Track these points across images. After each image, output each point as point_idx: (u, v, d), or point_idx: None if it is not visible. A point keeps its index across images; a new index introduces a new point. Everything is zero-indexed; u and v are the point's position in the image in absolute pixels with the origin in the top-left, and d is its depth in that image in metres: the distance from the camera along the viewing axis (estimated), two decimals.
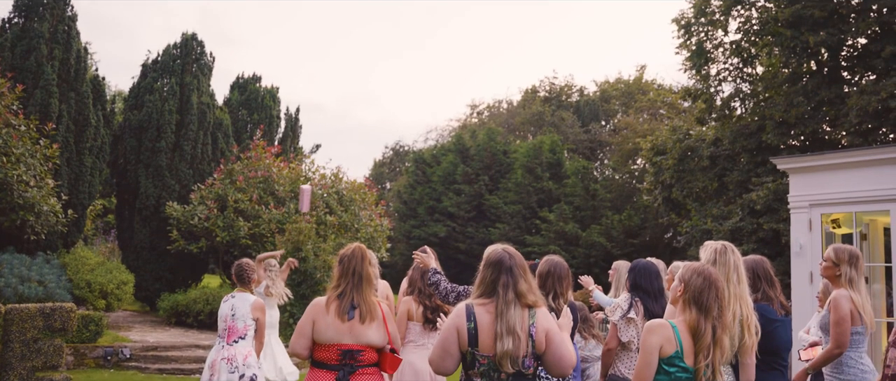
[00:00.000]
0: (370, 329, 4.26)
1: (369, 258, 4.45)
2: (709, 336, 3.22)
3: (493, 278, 3.53)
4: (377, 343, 4.29)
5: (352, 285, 4.30)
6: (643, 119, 34.28)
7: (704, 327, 3.23)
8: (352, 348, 4.21)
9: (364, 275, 4.32)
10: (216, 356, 6.60)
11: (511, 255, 3.59)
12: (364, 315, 4.25)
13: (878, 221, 10.32)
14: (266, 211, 16.29)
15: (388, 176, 47.56)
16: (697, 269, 3.41)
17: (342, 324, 4.23)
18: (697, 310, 3.27)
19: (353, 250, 4.43)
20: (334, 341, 4.22)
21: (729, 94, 20.53)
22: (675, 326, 3.30)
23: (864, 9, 17.36)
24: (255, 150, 17.95)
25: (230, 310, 6.64)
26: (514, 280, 3.48)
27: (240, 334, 6.58)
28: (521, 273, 3.52)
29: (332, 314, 4.25)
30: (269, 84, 23.36)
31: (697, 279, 3.33)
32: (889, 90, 15.35)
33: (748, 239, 16.48)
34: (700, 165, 19.89)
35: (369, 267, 4.40)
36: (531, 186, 30.07)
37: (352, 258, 4.38)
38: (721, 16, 19.86)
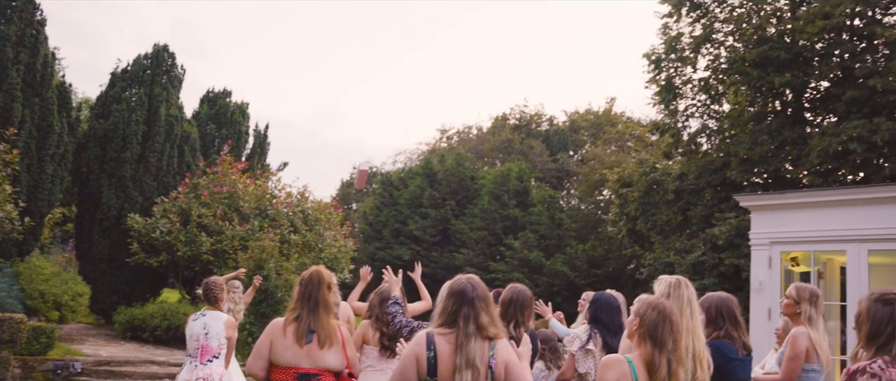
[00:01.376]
0: (328, 354, 4.21)
1: (328, 283, 4.39)
2: (664, 370, 3.21)
3: (455, 309, 3.48)
4: (335, 368, 4.24)
5: (308, 309, 4.26)
6: (611, 151, 34.63)
7: (659, 361, 3.22)
8: (309, 372, 4.16)
9: (320, 300, 4.27)
10: (189, 376, 6.47)
11: (474, 286, 3.55)
12: (322, 340, 4.20)
13: (835, 260, 10.52)
14: (230, 227, 16.10)
15: (355, 197, 47.37)
16: (652, 303, 3.41)
17: (300, 348, 4.19)
18: (652, 344, 3.27)
19: (310, 274, 4.40)
20: (292, 364, 4.18)
21: (696, 129, 20.87)
22: (630, 361, 3.29)
23: (828, 53, 17.79)
24: (222, 165, 17.77)
25: (202, 329, 6.51)
26: (475, 313, 3.44)
27: (214, 353, 6.47)
28: (483, 305, 3.47)
29: (289, 337, 4.21)
30: (239, 99, 23.23)
31: (652, 313, 3.33)
32: (849, 133, 15.70)
33: (710, 273, 16.66)
34: (665, 198, 20.13)
35: (327, 292, 4.34)
36: (497, 212, 30.15)
37: (309, 283, 4.35)
38: (690, 53, 20.23)
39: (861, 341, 3.01)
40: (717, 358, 4.38)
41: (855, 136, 15.64)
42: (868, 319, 2.96)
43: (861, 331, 3.00)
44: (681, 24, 20.56)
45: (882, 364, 2.81)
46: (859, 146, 15.56)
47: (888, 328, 2.89)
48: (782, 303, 5.51)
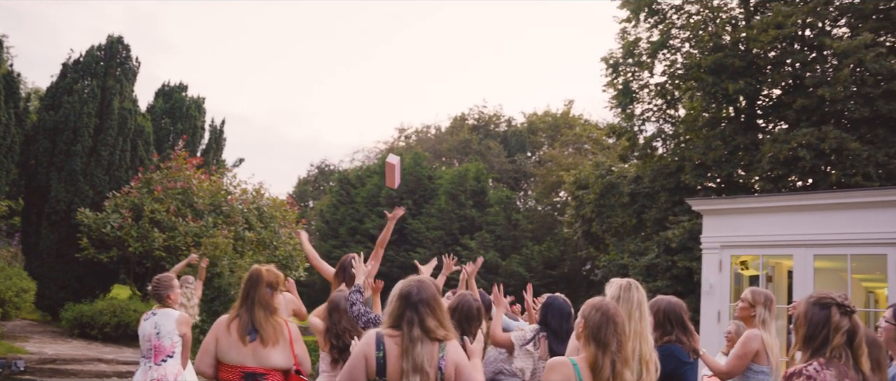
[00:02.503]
0: (274, 352, 4.17)
1: (268, 282, 4.32)
2: (607, 371, 3.23)
3: (400, 312, 3.45)
4: (282, 366, 4.19)
5: (246, 307, 4.22)
6: (568, 153, 34.92)
7: (603, 362, 3.24)
8: (255, 371, 4.11)
9: (257, 299, 4.22)
10: (144, 377, 6.31)
11: (420, 289, 3.49)
12: (266, 339, 4.15)
13: (782, 264, 10.75)
14: (183, 223, 15.86)
15: (312, 194, 47.01)
16: (596, 304, 3.43)
17: (244, 346, 4.13)
18: (596, 345, 3.28)
19: (250, 273, 4.37)
20: (237, 362, 4.13)
21: (651, 133, 21.18)
22: (575, 363, 3.30)
23: (780, 62, 18.19)
24: (176, 160, 17.49)
25: (153, 328, 6.34)
26: (420, 317, 3.40)
27: (168, 352, 6.31)
28: (428, 310, 3.42)
29: (233, 334, 4.16)
30: (195, 94, 22.88)
31: (596, 315, 3.34)
32: (799, 140, 16.07)
33: (663, 276, 16.91)
34: (620, 201, 20.36)
35: (266, 291, 4.28)
36: (454, 212, 30.19)
37: (248, 282, 4.31)
38: (648, 58, 20.50)
39: (798, 343, 3.05)
40: (670, 362, 4.42)
41: (804, 143, 16.01)
42: (805, 321, 3.01)
43: (798, 333, 3.05)
44: (639, 30, 20.84)
45: (817, 366, 2.85)
46: (808, 153, 15.94)
47: (823, 331, 2.93)
48: (737, 307, 5.60)
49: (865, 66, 15.96)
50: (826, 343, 2.90)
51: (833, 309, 2.95)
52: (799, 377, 2.85)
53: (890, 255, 8.90)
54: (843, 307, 2.95)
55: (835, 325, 2.92)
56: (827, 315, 2.93)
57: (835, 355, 2.88)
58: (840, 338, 2.90)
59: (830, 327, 2.91)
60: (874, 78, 16.11)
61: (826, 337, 2.91)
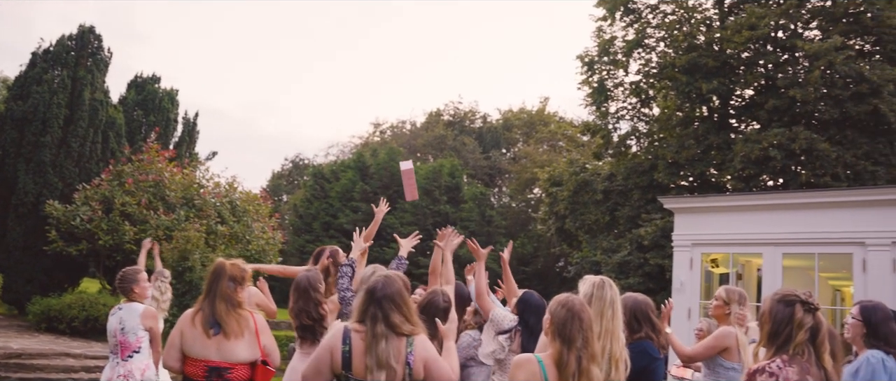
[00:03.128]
0: (238, 345, 4.12)
1: (232, 275, 4.28)
2: (573, 367, 3.23)
3: (365, 307, 3.45)
4: (247, 359, 4.14)
5: (208, 301, 4.18)
6: (543, 150, 35.06)
7: (568, 358, 3.24)
8: (219, 365, 4.07)
9: (219, 292, 4.17)
10: (111, 373, 6.20)
11: (385, 285, 3.48)
12: (229, 332, 4.10)
13: (752, 262, 10.89)
14: (155, 217, 15.67)
15: (286, 188, 46.78)
16: (562, 300, 3.43)
17: (207, 340, 4.08)
18: (561, 341, 3.28)
19: (214, 266, 4.32)
20: (201, 356, 4.08)
21: (626, 131, 21.30)
22: (541, 360, 3.31)
23: (753, 63, 18.40)
24: (148, 152, 17.27)
25: (118, 323, 6.23)
26: (384, 313, 3.39)
27: (133, 348, 6.20)
28: (393, 305, 3.41)
29: (197, 328, 4.12)
30: (168, 85, 22.61)
31: (561, 311, 3.35)
32: (770, 140, 16.27)
33: (635, 273, 17.04)
34: (594, 198, 20.48)
35: (229, 284, 4.24)
36: (428, 208, 30.18)
37: (212, 275, 4.26)
38: (623, 56, 20.64)
39: (762, 339, 3.06)
40: (643, 359, 4.45)
41: (775, 143, 16.21)
42: (770, 318, 3.03)
43: (763, 330, 3.06)
44: (615, 28, 20.97)
45: (780, 363, 2.87)
46: (779, 153, 16.14)
47: (787, 329, 2.94)
48: (712, 304, 5.65)
49: (835, 68, 16.19)
50: (789, 340, 2.91)
51: (797, 306, 2.96)
52: (762, 375, 2.86)
53: (856, 254, 9.04)
54: (806, 305, 2.96)
55: (798, 322, 2.93)
56: (791, 312, 2.95)
57: (798, 351, 2.89)
58: (803, 335, 2.91)
59: (794, 324, 2.93)
60: (844, 80, 16.35)
61: (789, 334, 2.92)
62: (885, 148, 16.59)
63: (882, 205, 9.13)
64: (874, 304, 4.64)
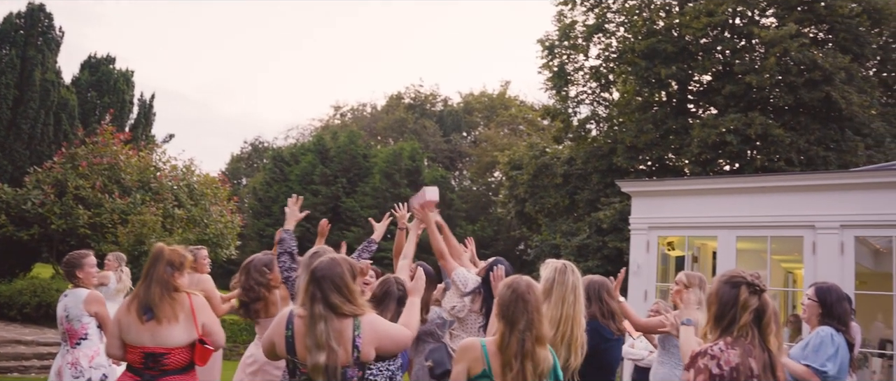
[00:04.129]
0: (172, 330, 4.04)
1: (170, 260, 4.22)
2: (514, 348, 3.21)
3: (306, 288, 3.42)
4: (183, 343, 4.08)
5: (145, 286, 4.12)
6: (503, 133, 35.17)
7: (509, 339, 3.22)
8: (155, 351, 4.00)
9: (155, 276, 4.10)
10: (61, 362, 6.06)
11: (329, 266, 3.44)
12: (162, 317, 4.02)
13: (707, 245, 11.08)
14: (109, 200, 15.39)
15: (245, 172, 46.29)
16: (509, 282, 3.41)
17: (141, 325, 4.01)
18: (505, 323, 3.28)
19: (152, 251, 4.26)
20: (137, 343, 4.02)
21: (585, 116, 21.46)
22: (484, 344, 3.32)
23: (710, 49, 18.65)
24: (103, 135, 16.92)
25: (63, 311, 6.06)
26: (323, 293, 3.34)
27: (80, 335, 6.04)
28: (332, 286, 3.37)
29: (132, 314, 4.05)
30: (124, 66, 22.25)
31: (506, 292, 3.34)
32: (726, 125, 16.54)
33: (594, 256, 17.23)
34: (553, 182, 20.62)
35: (165, 269, 4.18)
36: (389, 191, 30.14)
37: (149, 260, 4.20)
38: (583, 41, 20.75)
39: (709, 321, 3.02)
40: (593, 338, 4.49)
41: (732, 128, 16.49)
42: (716, 300, 2.97)
43: (709, 311, 3.01)
44: (575, 13, 21.06)
45: (723, 346, 2.83)
46: (735, 138, 16.42)
47: (732, 311, 2.89)
48: (672, 289, 5.73)
49: (790, 55, 16.49)
50: (734, 322, 2.88)
51: (742, 288, 2.92)
52: (704, 357, 2.83)
53: (806, 237, 9.25)
54: (752, 286, 2.92)
55: (743, 303, 2.89)
56: (736, 294, 2.91)
57: (742, 333, 2.85)
58: (748, 317, 2.86)
59: (739, 305, 2.89)
60: (798, 67, 16.66)
61: (734, 316, 2.89)
62: (837, 134, 16.98)
63: (831, 189, 9.36)
64: (829, 285, 4.84)
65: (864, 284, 10.38)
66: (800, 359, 4.60)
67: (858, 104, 16.57)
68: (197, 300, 4.21)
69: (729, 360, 2.78)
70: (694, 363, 2.85)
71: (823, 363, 4.47)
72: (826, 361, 4.48)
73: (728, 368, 2.76)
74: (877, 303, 10.03)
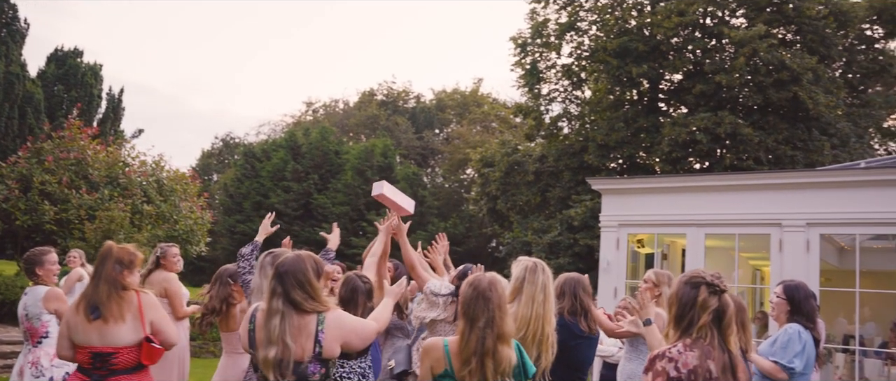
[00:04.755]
0: (120, 329, 3.98)
1: (119, 258, 4.16)
2: (473, 345, 3.21)
3: (269, 284, 3.42)
4: (131, 342, 4.02)
5: (93, 285, 4.07)
6: (476, 131, 35.22)
7: (469, 336, 3.23)
8: (102, 350, 3.94)
9: (104, 276, 4.04)
10: (23, 361, 5.94)
11: (292, 261, 3.43)
12: (108, 316, 3.96)
13: (677, 242, 11.19)
14: (76, 196, 15.17)
15: (216, 168, 45.88)
16: (471, 280, 3.42)
17: (88, 324, 3.95)
18: (465, 320, 3.29)
19: (101, 249, 4.19)
20: (84, 343, 3.96)
21: (557, 114, 21.56)
22: (446, 343, 3.32)
23: (681, 48, 18.83)
24: (70, 129, 16.66)
25: (23, 309, 5.93)
26: (285, 289, 3.34)
27: (41, 333, 5.91)
28: (294, 282, 3.36)
29: (80, 314, 3.98)
30: (92, 60, 21.95)
31: (468, 290, 3.35)
32: (697, 124, 16.72)
33: (565, 253, 17.31)
34: (525, 179, 20.69)
35: (114, 267, 4.13)
36: (360, 188, 30.05)
37: (98, 258, 4.14)
38: (556, 39, 20.84)
39: (670, 322, 2.96)
40: (566, 336, 4.48)
41: (702, 127, 16.67)
42: (676, 300, 2.91)
43: (670, 312, 2.95)
44: (548, 11, 21.13)
45: (681, 348, 2.78)
46: (705, 137, 16.60)
47: (691, 312, 2.83)
48: (641, 287, 5.75)
49: (759, 56, 16.71)
50: (693, 324, 2.82)
51: (702, 288, 2.85)
52: (661, 360, 2.78)
53: (773, 234, 9.38)
54: (712, 287, 2.86)
55: (702, 303, 2.82)
56: (695, 295, 2.85)
57: (701, 334, 2.79)
58: (707, 317, 2.80)
59: (697, 306, 2.83)
60: (767, 68, 16.88)
61: (693, 318, 2.83)
62: (804, 134, 17.24)
63: (797, 188, 9.50)
64: (796, 283, 4.93)
65: (828, 281, 10.55)
66: (768, 356, 4.68)
67: (825, 104, 16.83)
68: (146, 299, 4.14)
69: (686, 362, 2.73)
70: (652, 366, 2.80)
71: (791, 360, 4.57)
72: (793, 358, 4.57)
73: (686, 370, 2.72)
74: (841, 299, 10.20)
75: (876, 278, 9.91)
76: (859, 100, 20.09)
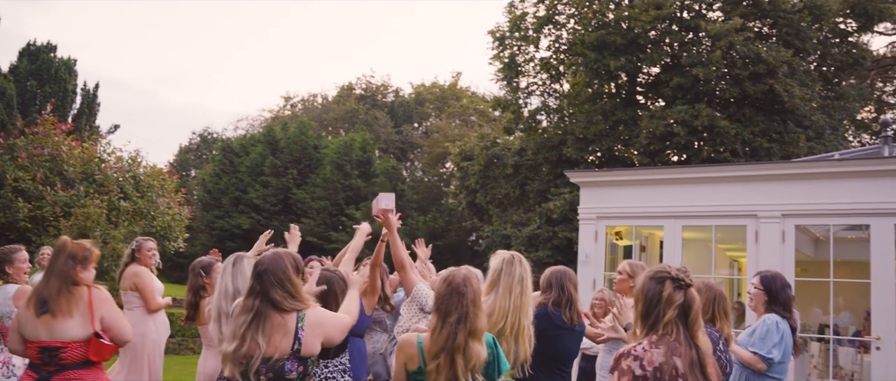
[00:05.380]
0: (68, 324, 3.96)
1: (72, 253, 4.15)
2: (444, 340, 3.23)
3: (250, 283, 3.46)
4: (80, 337, 4.00)
5: (45, 280, 4.05)
6: (455, 124, 35.21)
7: (440, 332, 3.24)
8: (50, 345, 3.93)
9: (56, 271, 4.03)
10: None
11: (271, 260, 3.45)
12: (56, 310, 3.95)
13: (655, 235, 11.27)
14: (51, 193, 14.99)
15: (194, 163, 45.53)
16: (444, 275, 3.45)
17: (36, 319, 3.94)
18: (437, 315, 3.31)
19: (56, 244, 4.19)
20: (33, 337, 3.95)
21: (536, 107, 21.62)
22: (420, 339, 3.34)
23: (659, 41, 18.93)
24: (44, 125, 16.46)
25: None
26: (263, 288, 3.36)
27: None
28: (274, 281, 3.38)
29: (30, 308, 3.98)
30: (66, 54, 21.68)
31: (442, 286, 3.38)
32: (674, 117, 16.83)
33: (544, 246, 17.38)
34: (504, 172, 20.74)
35: (67, 262, 4.11)
36: (339, 182, 29.97)
37: (52, 253, 4.15)
38: (534, 33, 20.87)
39: (636, 319, 2.89)
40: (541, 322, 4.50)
41: (679, 120, 16.78)
42: (642, 297, 2.84)
43: (636, 309, 2.89)
44: (526, 4, 21.16)
45: (647, 345, 2.71)
46: (682, 129, 16.71)
47: (657, 308, 2.76)
48: (616, 278, 5.77)
49: (735, 49, 16.84)
50: (659, 320, 2.76)
51: (667, 283, 2.79)
52: (627, 358, 2.71)
53: (749, 226, 9.47)
54: (677, 281, 2.79)
55: (667, 299, 2.76)
56: (660, 290, 2.79)
57: (667, 330, 2.73)
58: (672, 312, 2.74)
59: (663, 301, 2.77)
60: (743, 61, 17.02)
61: (659, 314, 2.76)
62: (779, 126, 17.41)
63: (772, 179, 9.59)
64: (773, 273, 5.03)
65: (804, 271, 10.68)
66: (747, 346, 4.78)
67: (800, 97, 17.01)
68: (97, 294, 4.11)
69: (652, 360, 2.66)
70: (618, 365, 2.73)
71: (769, 351, 4.69)
72: (772, 348, 4.69)
73: (651, 368, 2.64)
74: (816, 289, 10.33)
75: (850, 268, 10.05)
76: (834, 93, 20.31)
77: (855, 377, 9.70)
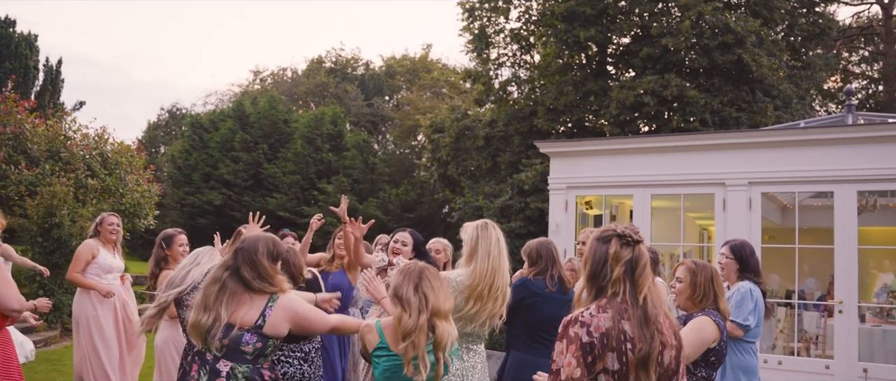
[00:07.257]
0: None
1: None
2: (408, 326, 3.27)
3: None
4: None
5: None
6: (426, 97, 35.11)
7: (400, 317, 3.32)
8: None
9: None
10: None
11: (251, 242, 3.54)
12: None
13: (625, 204, 11.40)
14: (15, 172, 14.74)
15: (163, 139, 44.99)
16: (403, 268, 3.53)
17: None
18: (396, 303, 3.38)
19: None
20: None
21: (506, 78, 21.60)
22: (379, 324, 3.43)
23: (629, 11, 18.97)
24: (5, 103, 16.13)
25: None
26: (236, 264, 3.47)
27: None
28: (246, 261, 3.47)
29: None
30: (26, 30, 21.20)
31: (398, 277, 3.45)
32: (644, 87, 16.92)
33: (516, 217, 17.46)
34: (475, 144, 20.76)
35: None
36: (310, 156, 29.81)
37: None
38: (504, 3, 20.80)
39: (585, 282, 2.73)
40: (519, 292, 4.62)
41: (649, 90, 16.88)
42: (589, 258, 2.70)
43: (584, 272, 2.74)
44: None
45: (594, 310, 2.56)
46: (652, 100, 16.82)
47: (604, 269, 2.62)
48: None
49: (704, 19, 16.93)
50: (607, 279, 2.61)
51: (613, 241, 2.66)
52: (574, 326, 2.54)
53: (717, 194, 9.61)
54: (624, 238, 2.66)
55: (614, 256, 2.62)
56: (606, 249, 2.65)
57: (615, 290, 2.59)
58: (620, 270, 2.60)
59: (610, 259, 2.62)
60: (712, 31, 17.12)
61: (605, 275, 2.62)
62: (748, 95, 17.59)
63: (740, 148, 9.72)
64: (740, 242, 5.24)
65: (771, 238, 10.87)
66: None
67: (768, 67, 17.17)
68: None
69: (599, 326, 2.50)
70: (565, 333, 2.56)
71: (746, 318, 4.83)
72: (748, 315, 4.83)
73: (598, 334, 2.49)
74: (782, 256, 10.51)
75: (815, 235, 10.25)
76: (801, 62, 20.53)
77: (818, 340, 9.94)
